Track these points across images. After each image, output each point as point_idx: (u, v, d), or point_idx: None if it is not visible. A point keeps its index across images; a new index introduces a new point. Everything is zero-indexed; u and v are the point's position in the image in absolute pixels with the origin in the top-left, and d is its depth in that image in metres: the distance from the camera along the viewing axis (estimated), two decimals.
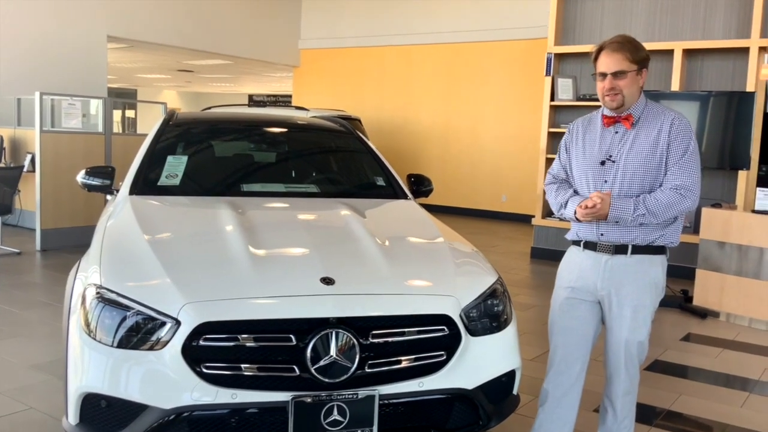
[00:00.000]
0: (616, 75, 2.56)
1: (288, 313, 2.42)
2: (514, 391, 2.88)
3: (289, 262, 2.76)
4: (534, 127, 10.51)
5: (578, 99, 8.18)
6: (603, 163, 2.66)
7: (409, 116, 13.16)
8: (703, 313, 5.82)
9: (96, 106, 9.21)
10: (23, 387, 3.66)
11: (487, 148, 12.26)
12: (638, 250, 2.63)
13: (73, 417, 2.48)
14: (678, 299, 6.20)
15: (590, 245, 2.71)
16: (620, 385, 2.75)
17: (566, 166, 2.84)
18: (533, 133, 10.59)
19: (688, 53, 7.41)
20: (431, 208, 3.85)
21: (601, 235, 2.66)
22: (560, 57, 8.33)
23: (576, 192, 2.76)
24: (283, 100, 23.04)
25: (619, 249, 2.64)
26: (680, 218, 2.68)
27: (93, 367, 2.44)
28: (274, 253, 2.80)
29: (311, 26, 14.40)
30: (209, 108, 11.94)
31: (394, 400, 2.50)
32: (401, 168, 12.97)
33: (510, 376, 2.82)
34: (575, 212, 2.66)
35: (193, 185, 3.71)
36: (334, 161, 4.42)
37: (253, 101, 25.69)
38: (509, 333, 2.82)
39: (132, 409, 2.38)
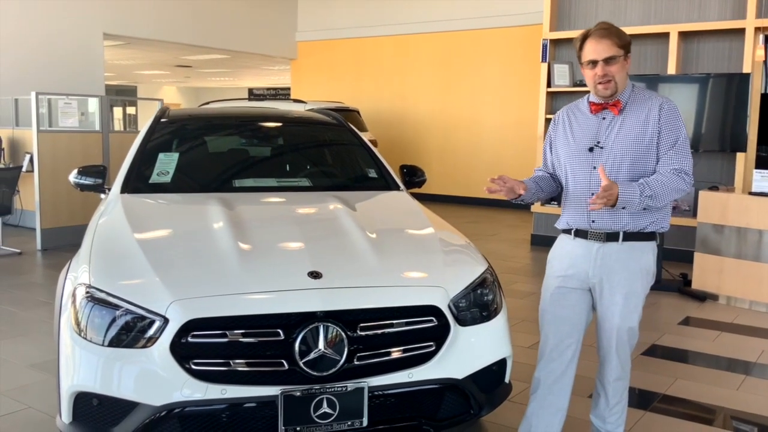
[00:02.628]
0: (608, 61, 2.55)
1: (275, 308, 2.44)
2: (506, 380, 2.90)
3: (278, 257, 2.78)
4: (533, 114, 10.45)
5: (575, 85, 8.15)
6: (591, 149, 2.65)
7: (408, 106, 13.13)
8: (702, 297, 5.82)
9: (94, 105, 9.22)
10: (22, 386, 3.69)
11: (487, 137, 12.24)
12: (629, 237, 2.63)
13: (66, 416, 2.51)
14: (677, 283, 6.20)
15: (581, 233, 2.70)
16: (612, 370, 2.76)
17: (552, 157, 2.84)
18: (532, 120, 10.54)
19: (683, 35, 7.37)
20: (432, 198, 3.86)
21: (593, 222, 2.65)
22: (556, 43, 8.29)
23: (560, 184, 2.78)
24: (283, 93, 23.06)
25: (611, 236, 2.64)
26: (669, 203, 2.68)
27: (84, 366, 2.46)
28: (263, 249, 2.81)
29: (308, 18, 14.36)
30: (207, 103, 11.96)
31: (384, 392, 2.51)
32: (400, 159, 13.00)
33: (501, 364, 2.83)
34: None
35: (184, 182, 3.72)
36: (326, 154, 4.42)
37: (254, 95, 25.72)
38: (499, 322, 2.83)
39: (123, 407, 2.40)
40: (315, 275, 2.54)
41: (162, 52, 15.01)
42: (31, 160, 7.92)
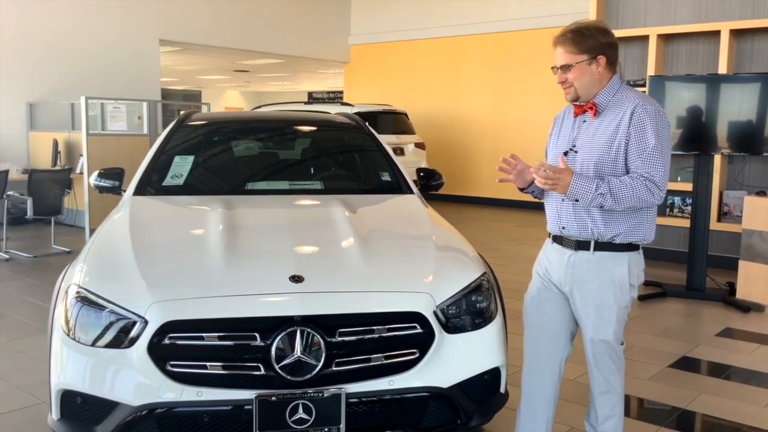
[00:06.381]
0: (564, 68, 2.49)
1: (252, 311, 2.43)
2: (502, 389, 2.81)
3: (263, 260, 2.77)
4: None
5: None
6: (566, 153, 2.57)
7: (458, 108, 13.02)
8: (745, 307, 5.53)
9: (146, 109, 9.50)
10: (40, 382, 3.79)
11: (539, 138, 11.96)
12: (601, 246, 2.51)
13: (55, 413, 2.56)
14: (721, 292, 5.91)
15: (557, 239, 2.63)
16: (595, 383, 2.65)
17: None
18: None
19: (736, 34, 7.04)
20: (483, 201, 3.79)
21: (563, 228, 2.58)
22: None
23: None
24: (340, 97, 23.26)
25: (582, 245, 2.53)
26: (648, 213, 2.50)
27: (70, 365, 2.52)
28: (251, 252, 2.81)
29: (361, 21, 14.43)
30: (259, 107, 12.16)
31: (363, 399, 2.47)
32: (450, 161, 12.93)
33: (494, 374, 2.74)
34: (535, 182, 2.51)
35: (196, 185, 3.78)
36: (340, 157, 4.41)
37: (313, 98, 26.04)
38: (492, 330, 2.75)
39: (105, 406, 2.44)
40: (296, 279, 2.53)
41: (218, 58, 15.34)
42: None
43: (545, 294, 2.68)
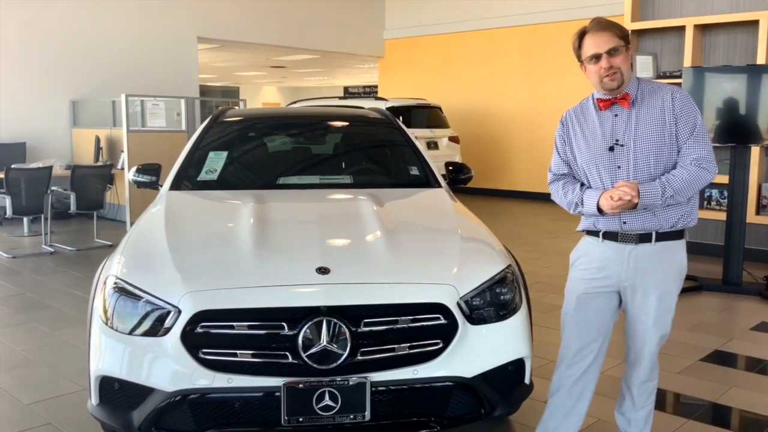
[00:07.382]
0: (611, 53, 2.47)
1: (280, 301, 2.51)
2: (526, 380, 2.84)
3: (291, 252, 2.84)
4: None
5: (659, 76, 7.79)
6: (612, 149, 2.55)
7: (493, 102, 12.98)
8: None
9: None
10: (82, 370, 3.93)
11: None
12: (662, 236, 2.54)
13: (94, 398, 2.68)
14: (759, 286, 5.82)
15: (611, 235, 2.59)
16: (639, 373, 2.68)
17: (568, 159, 2.73)
18: None
19: None
20: (518, 195, 3.80)
21: (624, 223, 2.55)
22: (639, 33, 7.96)
23: (583, 184, 2.65)
24: (375, 91, 23.35)
25: (644, 237, 2.54)
26: (696, 198, 2.58)
27: (108, 352, 2.63)
28: (279, 245, 2.90)
29: (395, 16, 14.47)
30: (294, 102, 12.31)
31: (388, 387, 2.53)
32: (484, 155, 12.87)
33: (518, 364, 2.78)
34: (597, 205, 2.52)
35: (229, 179, 3.88)
36: (370, 152, 4.47)
37: (349, 93, 26.18)
38: (516, 321, 2.78)
39: (141, 392, 2.54)
40: (323, 271, 2.60)
41: (255, 54, 15.54)
42: None
43: (590, 295, 2.65)
